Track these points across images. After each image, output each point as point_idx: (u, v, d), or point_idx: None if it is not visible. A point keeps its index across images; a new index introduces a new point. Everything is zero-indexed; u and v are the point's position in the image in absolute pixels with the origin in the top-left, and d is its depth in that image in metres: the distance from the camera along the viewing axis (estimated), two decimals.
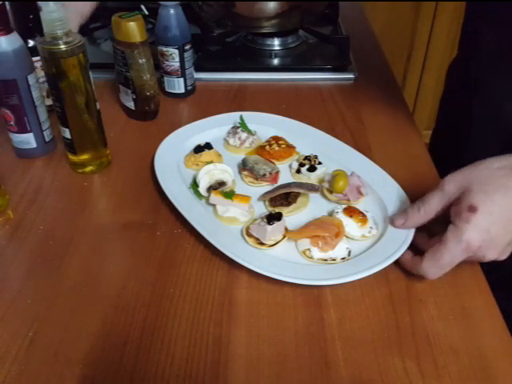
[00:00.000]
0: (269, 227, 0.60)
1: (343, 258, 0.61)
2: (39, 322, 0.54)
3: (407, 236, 0.61)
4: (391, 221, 0.63)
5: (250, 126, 0.80)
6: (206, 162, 0.73)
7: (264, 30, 1.04)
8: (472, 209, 0.52)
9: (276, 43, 1.08)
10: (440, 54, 2.04)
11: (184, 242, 0.64)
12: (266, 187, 0.71)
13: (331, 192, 0.69)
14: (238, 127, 0.79)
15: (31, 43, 0.80)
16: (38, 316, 0.55)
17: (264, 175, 0.70)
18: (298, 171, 0.73)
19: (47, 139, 0.78)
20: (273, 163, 0.73)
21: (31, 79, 0.72)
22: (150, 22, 1.03)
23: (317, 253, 0.61)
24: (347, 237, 0.63)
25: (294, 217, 0.66)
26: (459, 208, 0.53)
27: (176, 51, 0.89)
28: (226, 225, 0.65)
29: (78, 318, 0.55)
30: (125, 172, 0.76)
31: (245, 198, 0.66)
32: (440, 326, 0.54)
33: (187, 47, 0.90)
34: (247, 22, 1.05)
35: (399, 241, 0.60)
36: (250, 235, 0.62)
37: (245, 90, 0.96)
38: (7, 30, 0.69)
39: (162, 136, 0.83)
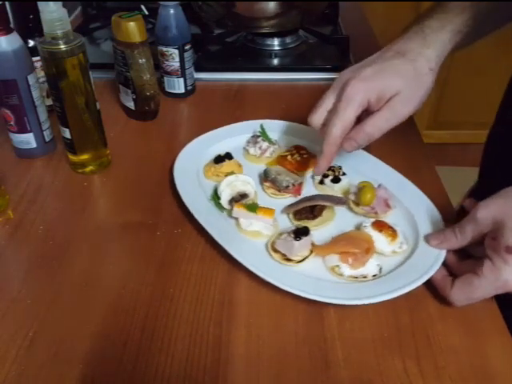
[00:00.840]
0: (296, 243, 0.58)
1: (374, 275, 0.58)
2: (39, 321, 0.54)
3: (439, 254, 0.58)
4: (427, 239, 0.61)
5: (270, 135, 0.77)
6: (227, 172, 0.70)
7: (264, 30, 1.04)
8: (510, 250, 0.50)
9: (276, 43, 1.08)
10: None
11: (184, 242, 0.64)
12: (288, 199, 0.69)
13: (357, 204, 0.66)
14: (259, 136, 0.77)
15: (31, 43, 0.80)
16: (38, 316, 0.55)
17: (287, 187, 0.68)
18: (322, 182, 0.71)
19: (47, 139, 0.78)
20: (295, 174, 0.71)
21: (31, 79, 0.72)
22: (150, 22, 1.03)
23: (347, 270, 0.58)
24: (377, 252, 0.60)
25: (319, 231, 0.64)
26: (496, 245, 0.51)
27: (176, 51, 0.89)
28: (249, 239, 0.63)
29: (78, 318, 0.55)
30: (125, 172, 0.76)
31: (269, 210, 0.63)
32: (440, 325, 0.54)
33: (187, 47, 0.90)
34: (247, 22, 1.05)
35: (431, 259, 0.58)
36: (275, 250, 0.60)
37: (245, 89, 0.96)
38: (7, 30, 0.69)
39: (162, 136, 0.83)
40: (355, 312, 0.55)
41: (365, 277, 0.58)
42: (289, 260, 0.59)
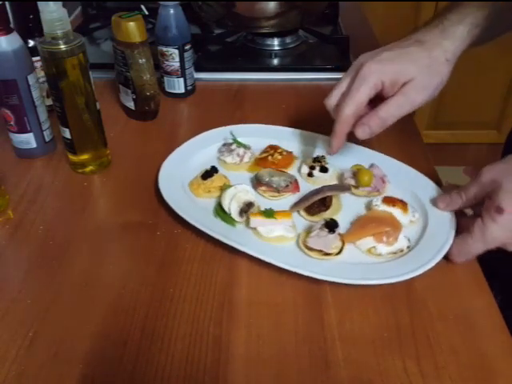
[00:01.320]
0: (332, 236, 0.60)
1: (408, 247, 0.61)
2: (39, 321, 0.54)
3: (451, 215, 0.64)
4: (434, 202, 0.65)
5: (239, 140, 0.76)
6: (220, 186, 0.69)
7: (264, 30, 1.04)
8: (499, 210, 0.54)
9: (276, 43, 1.08)
10: None
11: (184, 242, 0.64)
12: (288, 198, 0.69)
13: (357, 187, 0.69)
14: (231, 144, 0.76)
15: (31, 43, 0.80)
16: (38, 316, 0.55)
17: (287, 186, 0.69)
18: (310, 175, 0.72)
19: (47, 139, 0.78)
20: (284, 172, 0.72)
21: (31, 79, 0.72)
22: (150, 22, 1.03)
23: (383, 248, 0.61)
24: None
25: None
26: (490, 204, 0.55)
27: (176, 51, 0.89)
28: (275, 245, 0.62)
29: (78, 318, 0.55)
30: (125, 172, 0.76)
31: (285, 213, 0.64)
32: (440, 326, 0.54)
33: (187, 47, 0.90)
34: (247, 22, 1.05)
35: (447, 222, 0.63)
36: (310, 249, 0.61)
37: (245, 89, 0.96)
38: (7, 30, 0.69)
39: (162, 136, 0.83)
40: (355, 312, 0.55)
41: (401, 250, 0.61)
42: (327, 254, 0.60)
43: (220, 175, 0.71)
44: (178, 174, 0.72)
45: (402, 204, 0.65)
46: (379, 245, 0.61)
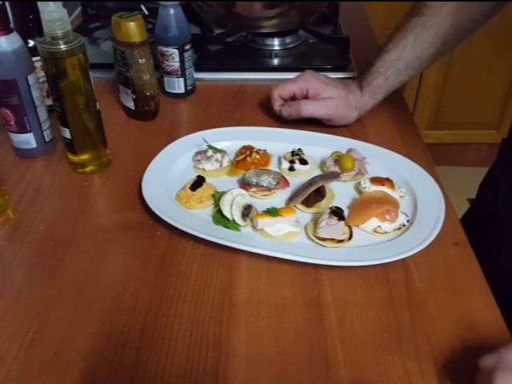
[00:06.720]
0: (342, 223, 0.61)
1: (408, 220, 0.64)
2: (39, 321, 0.54)
3: (436, 186, 0.69)
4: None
5: (205, 145, 0.76)
6: (211, 194, 0.68)
7: (264, 30, 1.04)
8: None
9: (276, 43, 1.08)
10: None
11: (184, 242, 0.64)
12: (279, 194, 0.70)
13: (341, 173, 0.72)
14: (206, 151, 0.75)
15: (31, 43, 0.80)
16: (37, 316, 0.55)
17: (278, 183, 0.69)
18: (292, 169, 0.73)
19: (47, 139, 0.78)
20: (269, 170, 0.72)
21: (31, 79, 0.72)
22: (150, 22, 1.03)
23: (388, 226, 0.63)
24: None
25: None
26: None
27: (176, 51, 0.89)
28: (285, 242, 0.63)
29: (78, 318, 0.55)
30: (125, 172, 0.76)
31: (288, 209, 0.64)
32: (440, 326, 0.54)
33: (187, 47, 0.90)
34: (247, 22, 1.05)
35: (433, 194, 0.68)
36: (322, 239, 0.62)
37: (245, 90, 0.96)
38: (7, 30, 0.69)
39: (161, 136, 0.83)
40: (355, 312, 0.55)
41: (404, 225, 0.64)
42: (341, 241, 0.62)
43: (207, 184, 0.70)
44: (163, 190, 0.69)
45: (389, 182, 0.68)
46: (384, 223, 0.63)
